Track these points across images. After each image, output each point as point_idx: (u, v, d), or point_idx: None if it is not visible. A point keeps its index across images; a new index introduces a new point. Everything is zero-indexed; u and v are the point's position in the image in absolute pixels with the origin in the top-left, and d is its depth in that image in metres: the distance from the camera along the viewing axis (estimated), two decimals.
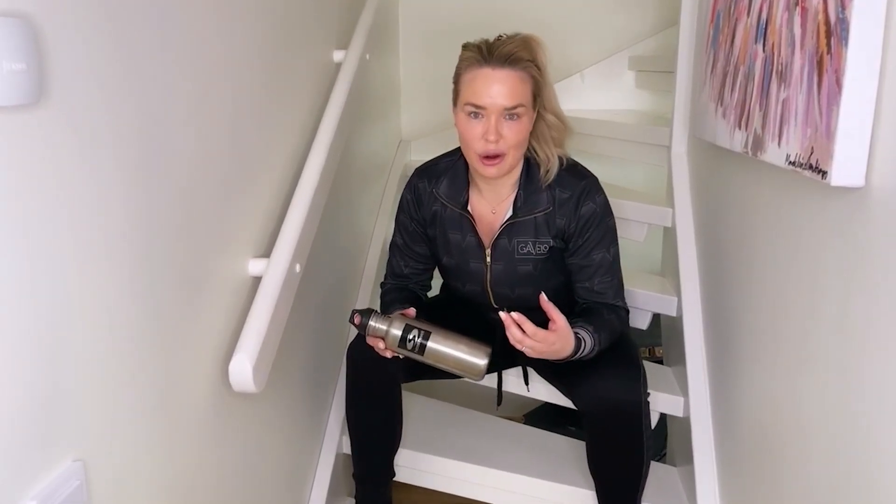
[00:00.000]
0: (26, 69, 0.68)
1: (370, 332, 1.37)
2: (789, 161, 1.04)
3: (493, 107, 1.32)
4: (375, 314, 1.37)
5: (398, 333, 1.35)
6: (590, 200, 1.42)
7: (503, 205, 1.47)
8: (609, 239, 1.45)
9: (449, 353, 1.36)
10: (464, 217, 1.48)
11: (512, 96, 1.32)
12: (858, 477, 0.91)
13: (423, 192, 1.52)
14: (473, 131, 1.35)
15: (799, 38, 1.03)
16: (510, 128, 1.34)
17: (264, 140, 1.37)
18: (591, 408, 1.38)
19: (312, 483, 1.67)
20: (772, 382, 1.22)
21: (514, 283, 1.49)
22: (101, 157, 0.83)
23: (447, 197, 1.49)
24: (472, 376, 1.38)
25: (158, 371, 0.98)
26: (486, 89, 1.32)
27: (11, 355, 0.70)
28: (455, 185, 1.49)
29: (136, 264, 0.91)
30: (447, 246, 1.52)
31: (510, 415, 2.27)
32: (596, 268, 1.44)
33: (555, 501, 1.61)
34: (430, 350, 1.35)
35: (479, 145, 1.35)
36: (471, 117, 1.35)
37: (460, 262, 1.51)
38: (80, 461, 0.80)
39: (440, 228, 1.52)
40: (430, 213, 1.52)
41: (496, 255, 1.47)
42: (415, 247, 1.57)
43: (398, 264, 1.60)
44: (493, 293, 1.52)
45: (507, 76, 1.32)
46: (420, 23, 2.52)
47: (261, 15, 1.35)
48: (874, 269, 0.87)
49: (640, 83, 2.56)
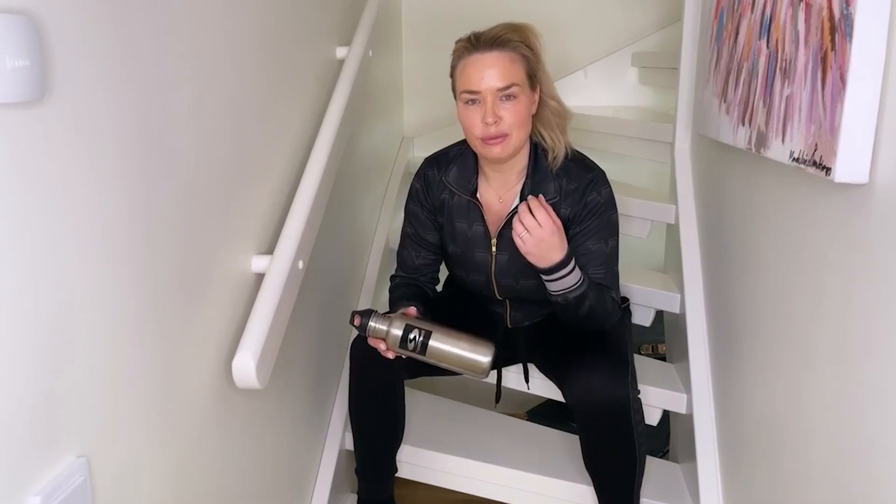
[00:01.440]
0: (29, 66, 0.68)
1: (370, 332, 1.36)
2: (793, 157, 1.03)
3: (486, 90, 1.34)
4: (375, 315, 1.36)
5: (399, 334, 1.34)
6: (595, 192, 1.43)
7: (510, 193, 1.48)
8: (608, 231, 1.45)
9: (451, 351, 1.35)
10: (471, 205, 1.49)
11: (503, 77, 1.34)
12: (861, 473, 0.91)
13: (433, 179, 1.53)
14: (473, 118, 1.37)
15: (803, 34, 1.03)
16: (507, 108, 1.35)
17: (267, 137, 1.37)
18: (579, 403, 1.39)
19: (315, 479, 1.67)
20: (774, 379, 1.22)
21: (518, 274, 1.49)
22: (104, 154, 0.83)
23: (456, 184, 1.50)
24: (476, 374, 1.37)
25: (161, 367, 0.98)
26: (477, 73, 1.34)
27: (14, 352, 0.70)
28: (464, 172, 1.50)
29: (138, 260, 0.91)
30: (453, 234, 1.52)
31: (513, 412, 2.27)
32: (592, 257, 1.44)
33: (556, 497, 1.61)
34: (432, 349, 1.35)
35: (479, 129, 1.36)
36: (469, 105, 1.37)
37: (465, 252, 1.52)
38: (84, 457, 0.80)
39: (448, 217, 1.52)
40: (438, 200, 1.53)
41: (502, 245, 1.47)
42: (426, 235, 1.57)
43: (409, 256, 1.59)
44: (497, 283, 1.52)
45: (497, 58, 1.35)
46: (423, 19, 2.52)
47: (264, 11, 1.35)
48: (878, 266, 0.87)
49: (644, 80, 2.56)
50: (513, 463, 1.64)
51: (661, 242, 2.12)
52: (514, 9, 2.29)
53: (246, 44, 1.27)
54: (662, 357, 2.17)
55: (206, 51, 1.11)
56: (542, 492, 1.62)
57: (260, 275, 1.28)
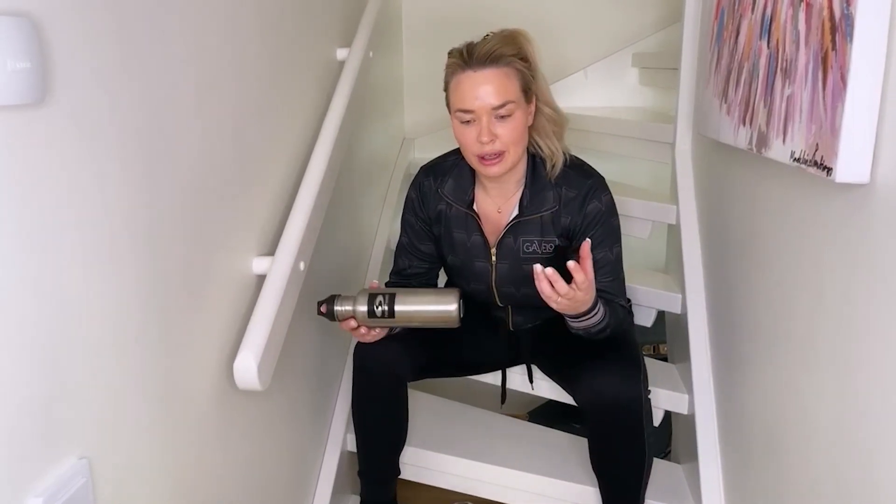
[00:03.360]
0: (31, 68, 0.68)
1: (339, 316, 1.36)
2: (794, 158, 1.03)
3: (481, 109, 1.32)
4: (339, 298, 1.36)
5: (364, 308, 1.34)
6: (595, 199, 1.42)
7: (509, 203, 1.47)
8: (612, 239, 1.45)
9: (418, 308, 1.36)
10: (469, 216, 1.48)
11: (498, 95, 1.32)
12: (863, 473, 0.91)
13: (429, 190, 1.52)
14: (468, 136, 1.35)
15: (804, 34, 1.03)
16: (503, 126, 1.33)
17: (268, 138, 1.37)
18: (591, 403, 1.39)
19: (317, 480, 1.67)
20: (776, 379, 1.22)
21: (519, 283, 1.48)
22: (105, 156, 0.84)
23: (452, 196, 1.49)
24: (449, 323, 1.37)
25: (163, 369, 0.98)
26: (471, 92, 1.32)
27: (16, 353, 0.70)
28: (460, 184, 1.49)
29: (139, 262, 0.91)
30: (452, 245, 1.52)
31: (515, 412, 2.26)
32: (598, 266, 1.42)
33: (559, 498, 1.61)
34: (400, 312, 1.35)
35: (475, 148, 1.35)
36: (463, 123, 1.35)
37: (465, 262, 1.51)
38: (85, 459, 0.80)
39: (445, 228, 1.51)
40: (435, 211, 1.52)
41: (501, 255, 1.47)
42: (420, 245, 1.57)
43: (403, 263, 1.60)
44: (498, 292, 1.52)
45: (491, 75, 1.32)
46: (423, 20, 2.52)
47: (264, 12, 1.36)
48: (879, 265, 0.87)
49: (644, 80, 2.55)
50: (516, 464, 1.64)
51: (662, 243, 2.12)
52: (514, 10, 2.30)
53: (247, 45, 1.27)
54: (664, 357, 2.16)
55: (207, 54, 1.11)
56: (546, 493, 1.61)
57: (261, 276, 1.28)
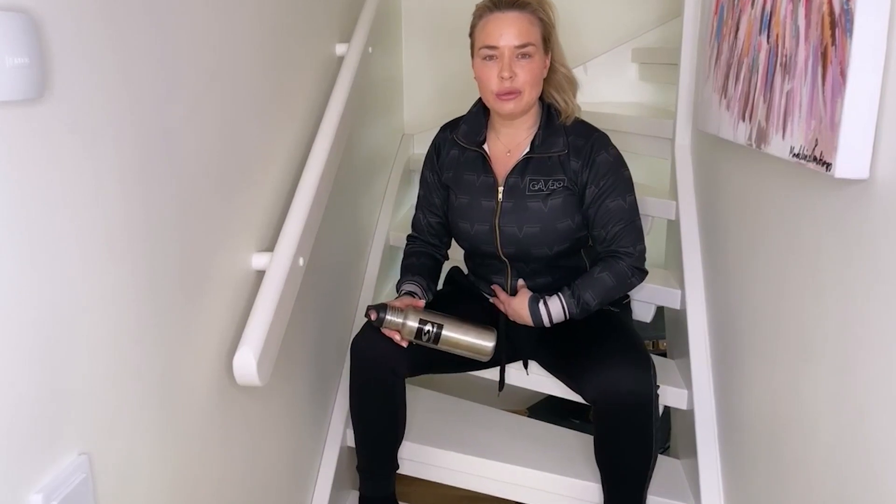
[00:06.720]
0: (29, 64, 0.68)
1: (387, 325, 1.46)
2: (793, 153, 1.03)
3: (505, 46, 1.43)
4: (390, 309, 1.46)
5: (414, 326, 1.46)
6: (603, 150, 1.51)
7: (519, 147, 1.56)
8: (624, 187, 1.52)
9: (461, 339, 1.50)
10: (479, 155, 1.57)
11: (521, 35, 1.43)
12: (861, 469, 0.91)
13: (444, 140, 1.65)
14: (489, 73, 1.46)
15: (803, 29, 1.02)
16: (522, 66, 1.44)
17: (267, 134, 1.37)
18: (600, 398, 1.38)
19: (317, 476, 1.68)
20: (775, 374, 1.22)
21: (522, 221, 1.53)
22: (103, 151, 0.83)
23: (465, 139, 1.60)
24: (481, 357, 1.52)
25: (163, 365, 0.98)
26: (497, 30, 1.44)
27: (16, 350, 0.70)
28: (473, 127, 1.60)
29: (138, 258, 0.91)
30: (461, 185, 1.59)
31: (514, 408, 2.27)
32: (612, 215, 1.51)
33: (558, 493, 1.61)
34: (445, 339, 1.48)
35: (494, 84, 1.46)
36: (486, 60, 1.46)
37: (472, 200, 1.58)
38: (86, 454, 0.80)
39: (456, 171, 1.61)
40: (447, 157, 1.63)
41: (507, 192, 1.54)
42: (432, 197, 1.67)
43: (418, 217, 1.72)
44: (500, 233, 1.54)
45: (516, 18, 1.44)
46: (423, 16, 2.51)
47: (263, 7, 1.35)
48: (878, 261, 0.87)
49: (644, 75, 2.55)
50: (515, 459, 1.64)
51: (662, 238, 2.12)
52: None
53: (246, 41, 1.27)
54: (663, 353, 2.17)
55: (205, 49, 1.11)
56: (545, 488, 1.62)
57: (260, 272, 1.28)
